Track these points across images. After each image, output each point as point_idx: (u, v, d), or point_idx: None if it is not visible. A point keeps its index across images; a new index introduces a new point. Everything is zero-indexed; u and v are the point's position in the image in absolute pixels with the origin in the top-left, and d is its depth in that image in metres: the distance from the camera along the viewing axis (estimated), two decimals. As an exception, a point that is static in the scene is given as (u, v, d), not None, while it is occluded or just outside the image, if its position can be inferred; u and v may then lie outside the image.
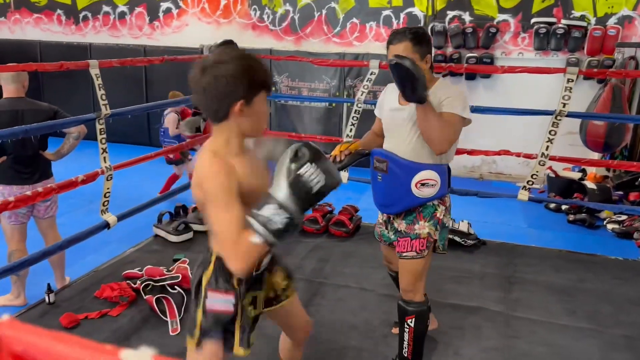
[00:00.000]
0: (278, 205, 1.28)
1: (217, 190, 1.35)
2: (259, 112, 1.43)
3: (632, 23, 6.47)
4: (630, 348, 2.64)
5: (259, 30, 7.98)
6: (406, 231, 2.23)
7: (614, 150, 5.03)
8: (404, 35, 2.08)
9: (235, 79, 1.35)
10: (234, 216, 1.33)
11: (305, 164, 1.30)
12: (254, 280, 1.58)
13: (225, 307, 1.49)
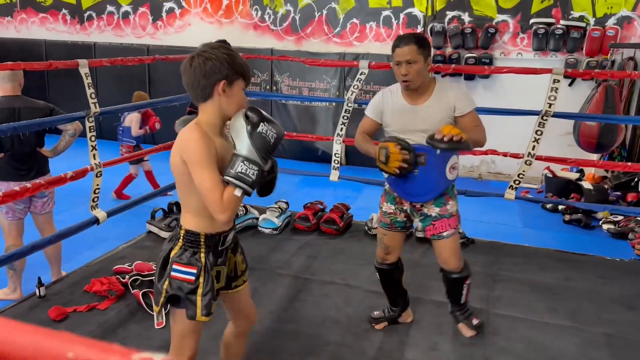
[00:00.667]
0: (247, 159, 1.59)
1: (200, 153, 1.57)
2: (237, 95, 1.67)
3: (632, 24, 6.46)
4: (609, 346, 2.66)
5: (260, 30, 8.06)
6: (440, 213, 2.46)
7: (607, 151, 5.04)
8: (410, 39, 2.29)
9: (220, 60, 1.60)
10: (217, 176, 1.59)
11: (260, 123, 1.62)
12: (219, 254, 1.77)
13: (186, 277, 1.69)
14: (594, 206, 5.37)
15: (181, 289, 1.69)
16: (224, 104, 1.66)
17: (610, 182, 6.13)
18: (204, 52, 1.62)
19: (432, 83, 2.39)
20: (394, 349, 2.60)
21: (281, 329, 2.75)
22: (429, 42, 2.33)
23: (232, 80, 1.63)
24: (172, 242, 1.76)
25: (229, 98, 1.65)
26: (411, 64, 2.27)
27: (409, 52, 2.26)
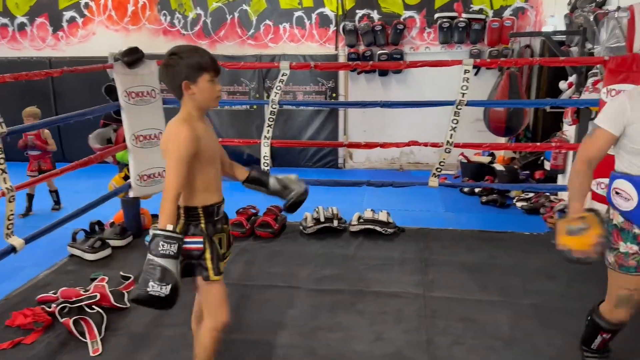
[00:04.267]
0: (157, 254, 1.79)
1: (177, 149, 1.81)
2: (205, 89, 1.87)
3: (525, 14, 6.98)
4: (536, 315, 2.87)
5: (170, 36, 7.81)
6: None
7: (515, 134, 5.41)
8: None
9: (177, 64, 1.84)
10: (181, 174, 1.82)
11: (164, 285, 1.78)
12: (216, 223, 2.02)
13: (195, 246, 1.95)
14: (507, 186, 5.77)
15: (191, 256, 1.95)
16: (195, 99, 1.89)
17: (519, 162, 6.59)
18: (166, 60, 1.87)
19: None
20: (341, 344, 2.63)
21: (226, 340, 2.68)
22: None
23: (194, 77, 1.85)
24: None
25: (198, 93, 1.87)
26: None
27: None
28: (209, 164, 1.95)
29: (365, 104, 4.37)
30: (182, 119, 1.89)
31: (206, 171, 1.94)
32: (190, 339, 2.70)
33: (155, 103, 3.94)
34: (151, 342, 2.69)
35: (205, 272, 1.99)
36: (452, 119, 3.72)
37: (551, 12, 6.01)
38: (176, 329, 2.79)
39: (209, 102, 1.93)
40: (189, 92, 1.87)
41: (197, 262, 1.98)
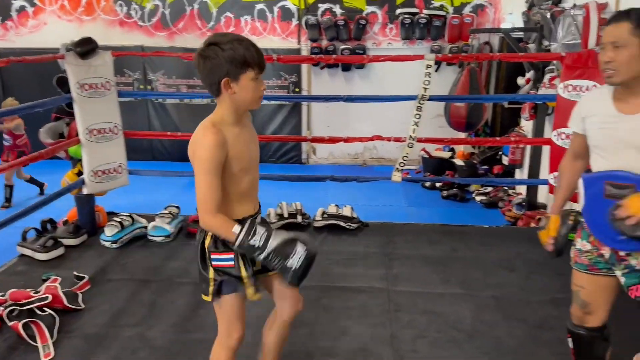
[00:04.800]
0: (262, 244, 1.64)
1: (206, 158, 1.61)
2: (247, 87, 1.64)
3: (484, 11, 7.12)
4: (498, 307, 2.91)
5: (127, 27, 7.57)
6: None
7: (475, 129, 5.51)
8: (622, 15, 1.71)
9: (218, 57, 1.60)
10: (215, 182, 1.63)
11: (303, 250, 1.66)
12: None
13: (227, 263, 1.76)
14: (467, 180, 5.88)
15: (227, 273, 1.77)
16: (234, 98, 1.66)
17: (478, 157, 6.73)
18: (204, 50, 1.63)
19: None
20: (306, 340, 2.60)
21: (188, 340, 2.62)
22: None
23: (237, 74, 1.61)
24: (202, 232, 1.79)
25: (238, 93, 1.65)
26: (618, 49, 1.68)
27: (616, 31, 1.69)
28: (242, 173, 1.73)
29: (328, 98, 4.34)
30: (210, 123, 1.67)
31: (238, 181, 1.73)
32: (151, 339, 2.62)
33: (110, 95, 3.79)
34: (108, 343, 2.58)
35: (242, 290, 1.79)
36: (415, 113, 3.73)
37: (509, 9, 6.15)
38: (134, 330, 2.69)
39: (251, 103, 1.70)
40: (229, 91, 1.64)
41: (233, 279, 1.78)
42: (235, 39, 1.62)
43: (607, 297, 1.93)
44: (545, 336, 2.63)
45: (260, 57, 1.64)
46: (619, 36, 1.68)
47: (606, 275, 1.89)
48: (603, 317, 1.97)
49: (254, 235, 1.64)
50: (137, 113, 7.52)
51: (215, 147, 1.61)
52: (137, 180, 4.37)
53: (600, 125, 1.81)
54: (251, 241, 1.64)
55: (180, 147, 7.46)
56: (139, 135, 4.72)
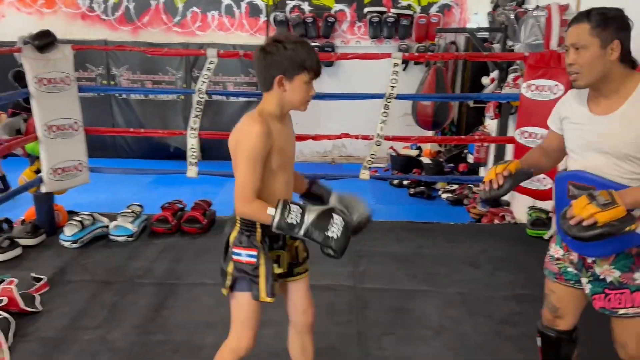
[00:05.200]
0: (305, 214, 1.63)
1: (252, 149, 1.63)
2: (298, 89, 1.67)
3: (451, 11, 7.22)
4: (463, 303, 2.95)
5: (89, 20, 7.35)
6: (621, 281, 1.72)
7: (441, 127, 5.58)
8: (582, 16, 1.67)
9: (280, 55, 1.64)
10: (256, 173, 1.66)
11: (340, 218, 1.66)
12: (275, 239, 1.81)
13: (248, 259, 1.76)
14: (433, 178, 5.95)
15: (244, 271, 1.77)
16: (283, 96, 1.69)
17: (444, 155, 6.82)
18: (267, 45, 1.67)
19: (634, 82, 1.66)
20: (272, 340, 2.57)
21: (150, 342, 2.55)
22: (622, 20, 1.66)
23: (292, 74, 1.65)
24: (230, 226, 1.81)
25: (289, 92, 1.68)
26: (579, 50, 1.64)
27: (576, 33, 1.65)
28: (280, 171, 1.75)
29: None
30: (257, 114, 1.70)
31: (274, 178, 1.74)
32: (112, 342, 2.54)
33: (69, 90, 3.67)
34: (66, 347, 2.49)
35: (256, 289, 1.78)
36: (382, 112, 3.74)
37: (475, 9, 6.25)
38: (94, 332, 2.61)
39: (297, 104, 1.72)
40: (281, 88, 1.67)
41: (250, 277, 1.77)
42: (299, 41, 1.69)
43: (576, 303, 1.91)
44: (509, 331, 2.67)
45: (318, 63, 1.70)
46: (579, 37, 1.65)
47: (573, 287, 1.87)
48: (573, 321, 1.96)
49: (289, 213, 1.63)
50: (100, 109, 7.31)
51: (262, 135, 1.64)
52: (98, 178, 4.25)
53: (573, 126, 1.78)
54: (288, 219, 1.63)
55: (145, 144, 7.33)
56: (101, 131, 4.58)
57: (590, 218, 1.53)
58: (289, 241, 1.87)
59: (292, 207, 1.64)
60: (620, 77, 1.66)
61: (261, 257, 1.76)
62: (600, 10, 1.64)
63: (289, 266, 1.90)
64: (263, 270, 1.76)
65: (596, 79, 1.66)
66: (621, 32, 1.63)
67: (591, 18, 1.64)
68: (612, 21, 1.63)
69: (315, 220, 1.64)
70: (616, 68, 1.64)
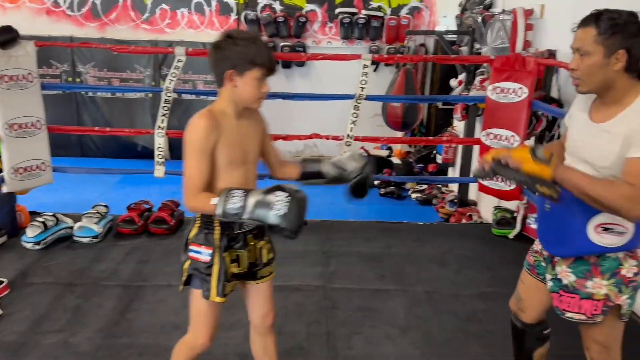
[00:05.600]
0: (245, 197, 1.57)
1: (196, 141, 1.64)
2: (249, 85, 1.65)
3: (420, 13, 7.30)
4: (430, 302, 3.00)
5: (54, 16, 7.15)
6: (574, 285, 1.72)
7: (411, 128, 5.64)
8: (590, 19, 1.57)
9: (230, 49, 1.64)
10: (202, 166, 1.65)
11: (285, 194, 1.57)
12: (234, 239, 1.78)
13: (202, 257, 1.76)
14: (403, 178, 6.01)
15: (197, 269, 1.77)
16: (234, 92, 1.68)
17: (414, 156, 6.91)
18: (218, 41, 1.67)
19: (636, 94, 1.57)
20: (241, 342, 2.55)
21: (115, 345, 2.51)
22: (633, 28, 1.53)
23: (243, 70, 1.64)
24: (192, 222, 1.81)
25: (240, 87, 1.67)
26: (583, 56, 1.57)
27: (582, 37, 1.57)
28: (235, 167, 1.73)
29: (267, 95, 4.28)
30: (207, 110, 1.69)
31: (228, 174, 1.72)
32: (75, 346, 2.49)
33: (32, 88, 3.57)
34: (27, 351, 2.43)
35: (207, 288, 1.76)
36: (352, 112, 3.77)
37: (444, 12, 6.34)
38: (57, 336, 2.55)
39: (249, 101, 1.70)
40: (231, 83, 1.66)
41: (202, 276, 1.76)
42: (252, 37, 1.68)
43: (541, 298, 1.90)
44: (473, 329, 2.73)
45: (271, 60, 1.67)
46: (584, 43, 1.56)
47: (542, 281, 1.88)
48: (535, 316, 1.97)
49: (231, 199, 1.59)
50: (65, 107, 7.12)
51: (205, 129, 1.64)
52: (63, 177, 4.15)
53: (571, 127, 1.77)
54: (229, 205, 1.57)
55: (112, 143, 7.18)
56: (65, 130, 4.47)
57: (517, 163, 1.57)
58: (250, 241, 1.84)
59: (234, 193, 1.60)
60: (624, 87, 1.57)
61: (216, 256, 1.75)
62: (610, 15, 1.53)
63: (251, 267, 1.87)
64: (216, 269, 1.75)
65: (598, 87, 1.59)
66: (630, 40, 1.52)
67: (599, 23, 1.53)
68: (621, 28, 1.51)
69: (259, 200, 1.57)
70: (621, 77, 1.56)
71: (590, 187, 1.55)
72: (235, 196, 1.58)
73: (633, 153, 1.51)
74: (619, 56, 1.53)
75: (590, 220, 1.64)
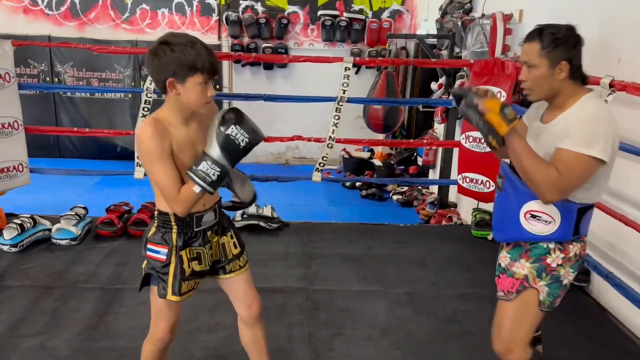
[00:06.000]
0: (212, 161, 1.60)
1: (152, 149, 1.61)
2: (192, 91, 1.62)
3: (402, 17, 7.37)
4: (410, 303, 3.03)
5: (32, 15, 7.04)
6: (508, 267, 1.86)
7: (392, 131, 5.69)
8: (534, 34, 1.71)
9: (167, 57, 1.59)
10: (169, 170, 1.64)
11: (231, 126, 1.59)
12: (194, 236, 1.80)
13: (158, 256, 1.77)
14: (384, 180, 6.06)
15: (154, 268, 1.79)
16: (179, 99, 1.65)
17: (395, 158, 6.96)
18: (154, 48, 1.62)
19: (577, 97, 1.72)
20: (221, 344, 2.55)
21: (93, 349, 2.48)
22: (572, 39, 1.70)
23: (183, 77, 1.60)
24: (152, 222, 1.83)
25: (183, 95, 1.63)
26: (530, 68, 1.71)
27: (528, 51, 1.72)
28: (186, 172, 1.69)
29: (248, 96, 4.29)
30: (151, 118, 1.67)
31: (184, 178, 1.69)
32: (53, 349, 2.45)
33: (9, 88, 3.51)
34: (4, 356, 2.39)
35: (163, 289, 1.79)
36: (334, 115, 3.79)
37: (425, 16, 6.41)
38: (34, 340, 2.51)
39: (195, 107, 1.67)
40: (174, 91, 1.62)
41: (159, 275, 1.78)
42: (189, 41, 1.61)
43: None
44: (453, 329, 2.76)
45: (212, 63, 1.62)
46: (530, 56, 1.70)
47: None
48: None
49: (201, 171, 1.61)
50: (43, 107, 7.02)
51: (154, 136, 1.62)
52: (41, 179, 4.09)
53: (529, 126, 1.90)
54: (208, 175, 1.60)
55: (91, 144, 7.09)
56: (42, 130, 4.41)
57: (485, 109, 1.65)
58: (212, 238, 1.85)
59: (195, 167, 1.61)
60: (569, 92, 1.72)
61: (172, 255, 1.77)
62: (551, 30, 1.68)
63: (215, 263, 1.89)
64: (172, 268, 1.77)
65: (546, 95, 1.74)
66: (570, 52, 1.68)
67: (542, 39, 1.68)
68: (562, 42, 1.67)
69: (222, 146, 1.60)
70: (566, 85, 1.71)
71: (527, 159, 1.68)
72: (199, 167, 1.60)
73: (565, 144, 1.64)
74: (562, 67, 1.68)
75: (522, 207, 1.77)
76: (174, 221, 1.75)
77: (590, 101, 1.70)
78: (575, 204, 1.73)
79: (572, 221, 1.73)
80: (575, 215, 1.73)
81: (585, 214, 1.76)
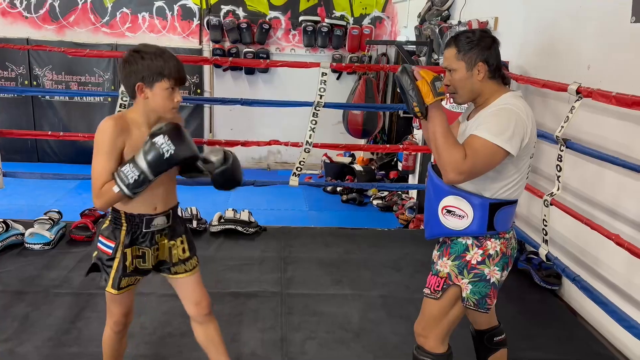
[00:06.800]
0: (134, 165, 1.67)
1: (102, 141, 1.71)
2: (159, 96, 1.73)
3: (382, 23, 7.44)
4: (384, 306, 3.05)
5: (10, 17, 6.97)
6: (434, 261, 1.95)
7: (371, 136, 5.73)
8: (450, 41, 1.82)
9: (137, 63, 1.70)
10: (107, 164, 1.71)
11: (160, 136, 1.66)
12: (142, 237, 1.88)
13: (105, 249, 1.87)
14: (364, 185, 6.10)
15: (101, 259, 1.89)
16: (146, 104, 1.75)
17: (376, 163, 7.01)
18: (127, 55, 1.72)
19: (497, 96, 1.80)
20: (194, 349, 2.51)
21: (64, 355, 2.45)
22: (486, 43, 1.77)
23: (151, 82, 1.71)
24: (107, 217, 1.92)
25: (150, 99, 1.74)
26: (451, 72, 1.80)
27: (447, 57, 1.81)
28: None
29: (226, 100, 4.29)
30: (118, 114, 1.79)
31: None
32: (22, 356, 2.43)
33: (-18, 91, 3.46)
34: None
35: (104, 280, 1.89)
36: (311, 119, 3.81)
37: (404, 23, 6.48)
38: (3, 346, 2.48)
39: (162, 111, 1.77)
40: (142, 95, 1.74)
41: (103, 266, 1.88)
42: (159, 51, 1.74)
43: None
44: (425, 332, 2.78)
45: (179, 71, 1.74)
46: (449, 61, 1.81)
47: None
48: (483, 322, 2.12)
49: (125, 173, 1.68)
50: (20, 110, 6.94)
51: (111, 130, 1.70)
52: (18, 183, 4.05)
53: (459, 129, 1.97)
54: (128, 178, 1.67)
55: (70, 148, 7.01)
56: (16, 134, 4.34)
57: (419, 76, 1.69)
58: (160, 240, 1.93)
59: (123, 168, 1.68)
60: (491, 91, 1.80)
61: (118, 250, 1.86)
62: (466, 35, 1.78)
63: (160, 264, 1.97)
64: (116, 263, 1.86)
65: (469, 96, 1.83)
66: (485, 53, 1.76)
67: (457, 43, 1.78)
68: (476, 44, 1.76)
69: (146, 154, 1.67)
70: (487, 85, 1.79)
71: (441, 137, 1.72)
72: (122, 168, 1.69)
73: (478, 132, 1.71)
74: (479, 68, 1.77)
75: (439, 203, 1.84)
76: (124, 219, 1.84)
77: (507, 98, 1.78)
78: (487, 199, 1.78)
79: (485, 216, 1.78)
80: (487, 209, 1.77)
81: (500, 209, 1.79)
